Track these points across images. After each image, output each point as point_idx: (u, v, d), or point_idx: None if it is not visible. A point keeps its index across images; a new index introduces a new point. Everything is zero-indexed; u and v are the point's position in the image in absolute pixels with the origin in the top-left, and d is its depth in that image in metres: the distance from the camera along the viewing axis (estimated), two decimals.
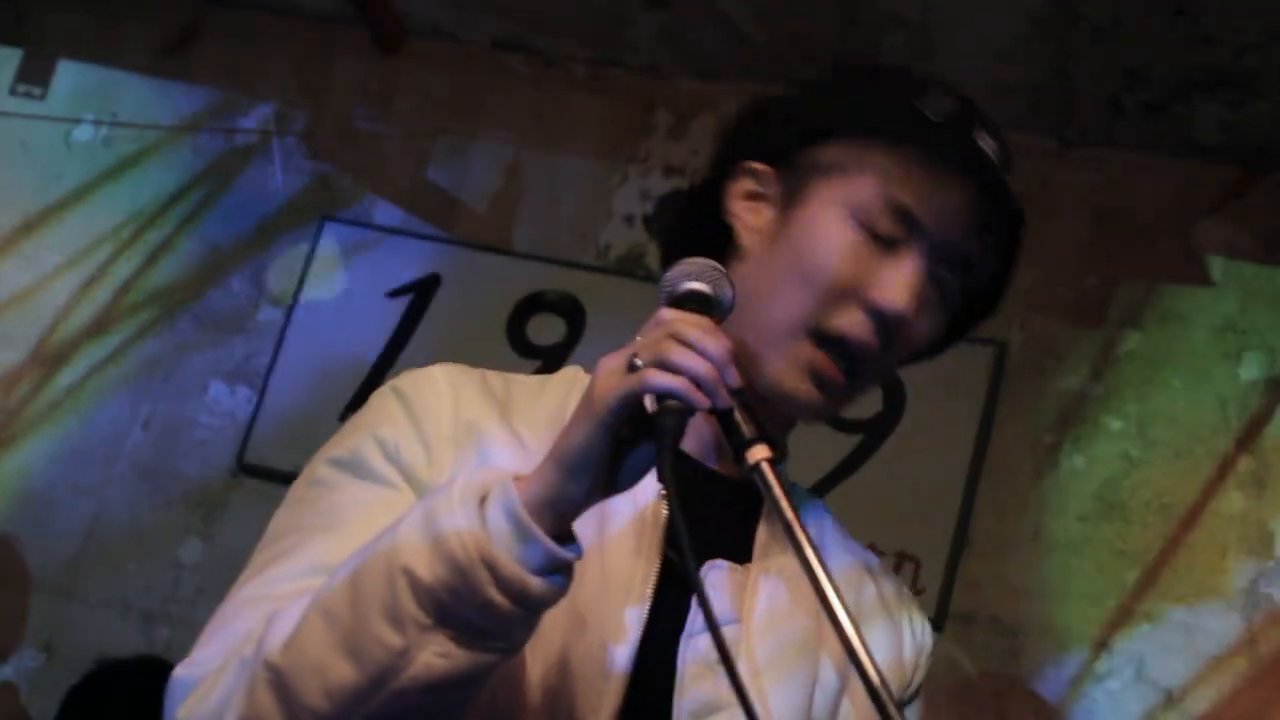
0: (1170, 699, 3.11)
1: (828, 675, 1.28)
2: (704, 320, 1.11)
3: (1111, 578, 3.21)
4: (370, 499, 1.22)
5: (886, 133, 1.28)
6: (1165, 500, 3.22)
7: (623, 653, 1.19)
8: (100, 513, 3.68)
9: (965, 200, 1.27)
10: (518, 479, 1.08)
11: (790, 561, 1.27)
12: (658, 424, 1.05)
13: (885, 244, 1.26)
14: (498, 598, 1.04)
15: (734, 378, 1.08)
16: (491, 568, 1.04)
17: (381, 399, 1.29)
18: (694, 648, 1.22)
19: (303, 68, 3.97)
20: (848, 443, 3.31)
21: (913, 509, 3.26)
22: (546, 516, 1.06)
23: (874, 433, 3.33)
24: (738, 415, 1.07)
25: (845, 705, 1.29)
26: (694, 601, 1.22)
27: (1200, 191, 3.41)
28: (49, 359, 3.83)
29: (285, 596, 1.15)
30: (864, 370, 1.28)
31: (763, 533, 1.30)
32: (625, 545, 1.22)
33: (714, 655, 1.20)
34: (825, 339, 1.25)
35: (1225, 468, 3.22)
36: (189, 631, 3.48)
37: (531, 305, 3.60)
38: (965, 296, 1.34)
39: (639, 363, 1.06)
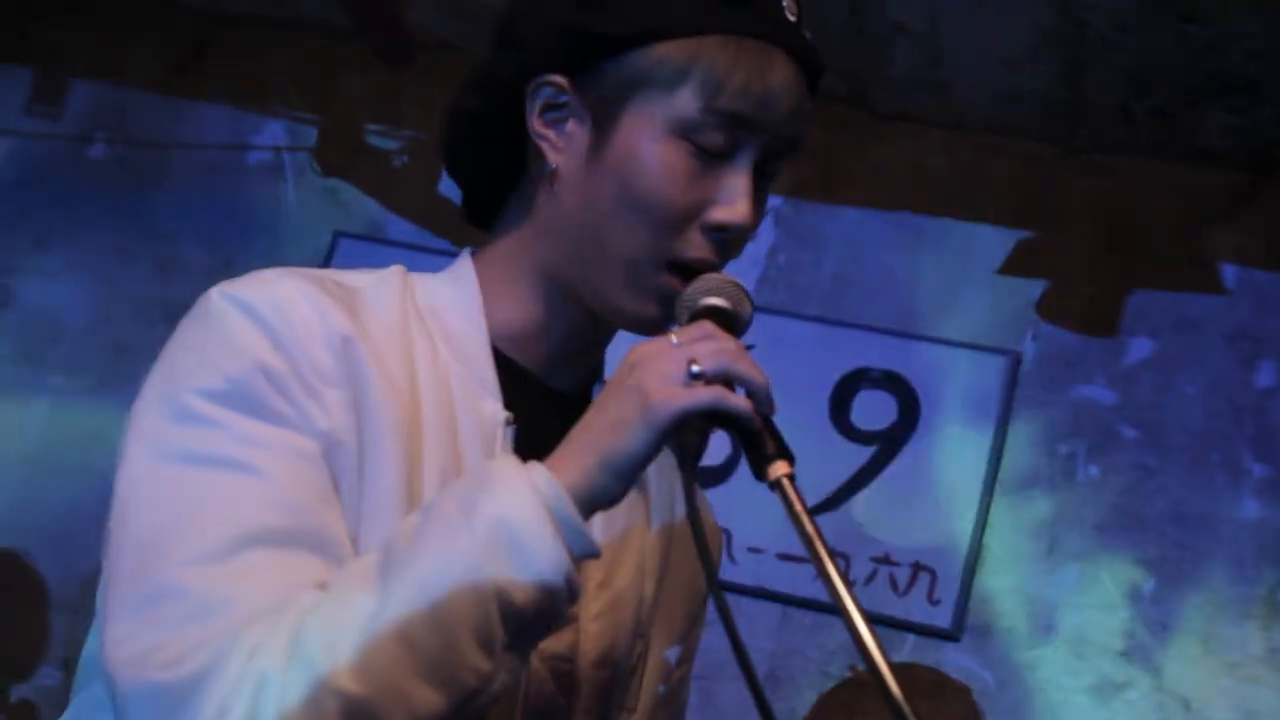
0: (1189, 709, 3.10)
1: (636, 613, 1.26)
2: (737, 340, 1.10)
3: (1129, 588, 3.20)
4: (279, 443, 1.06)
5: (687, 26, 1.17)
6: (1181, 509, 3.21)
7: None
8: None
9: (785, 82, 1.18)
10: (555, 471, 1.04)
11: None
12: (684, 441, 1.05)
13: (714, 155, 1.17)
14: (566, 610, 1.03)
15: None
16: (570, 584, 1.02)
17: (233, 318, 1.09)
18: None
19: (313, 84, 3.98)
20: (862, 454, 3.31)
21: (928, 521, 3.25)
22: (583, 513, 1.04)
23: (888, 444, 3.32)
24: (764, 432, 1.05)
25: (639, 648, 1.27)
26: None
27: (1210, 198, 3.40)
28: (65, 376, 3.84)
29: (236, 577, 1.01)
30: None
31: None
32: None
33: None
34: (675, 266, 1.17)
35: (1241, 476, 3.21)
36: None
37: None
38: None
39: (697, 370, 1.03)
